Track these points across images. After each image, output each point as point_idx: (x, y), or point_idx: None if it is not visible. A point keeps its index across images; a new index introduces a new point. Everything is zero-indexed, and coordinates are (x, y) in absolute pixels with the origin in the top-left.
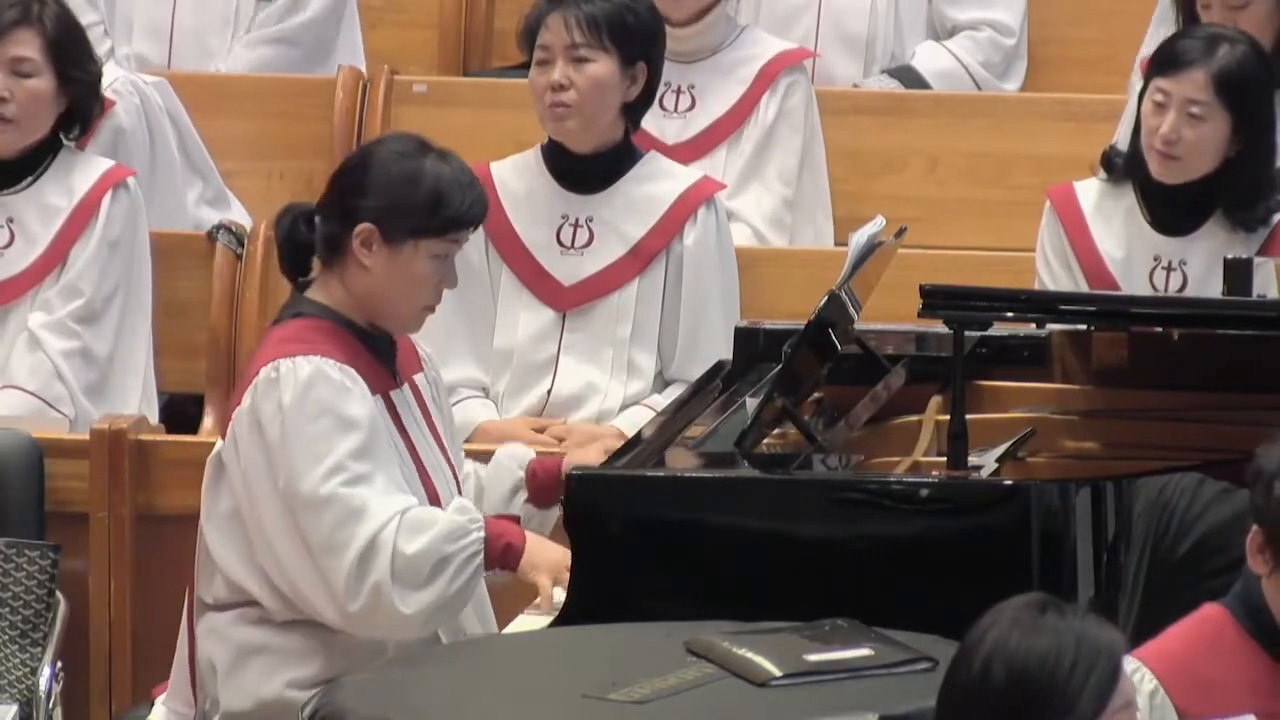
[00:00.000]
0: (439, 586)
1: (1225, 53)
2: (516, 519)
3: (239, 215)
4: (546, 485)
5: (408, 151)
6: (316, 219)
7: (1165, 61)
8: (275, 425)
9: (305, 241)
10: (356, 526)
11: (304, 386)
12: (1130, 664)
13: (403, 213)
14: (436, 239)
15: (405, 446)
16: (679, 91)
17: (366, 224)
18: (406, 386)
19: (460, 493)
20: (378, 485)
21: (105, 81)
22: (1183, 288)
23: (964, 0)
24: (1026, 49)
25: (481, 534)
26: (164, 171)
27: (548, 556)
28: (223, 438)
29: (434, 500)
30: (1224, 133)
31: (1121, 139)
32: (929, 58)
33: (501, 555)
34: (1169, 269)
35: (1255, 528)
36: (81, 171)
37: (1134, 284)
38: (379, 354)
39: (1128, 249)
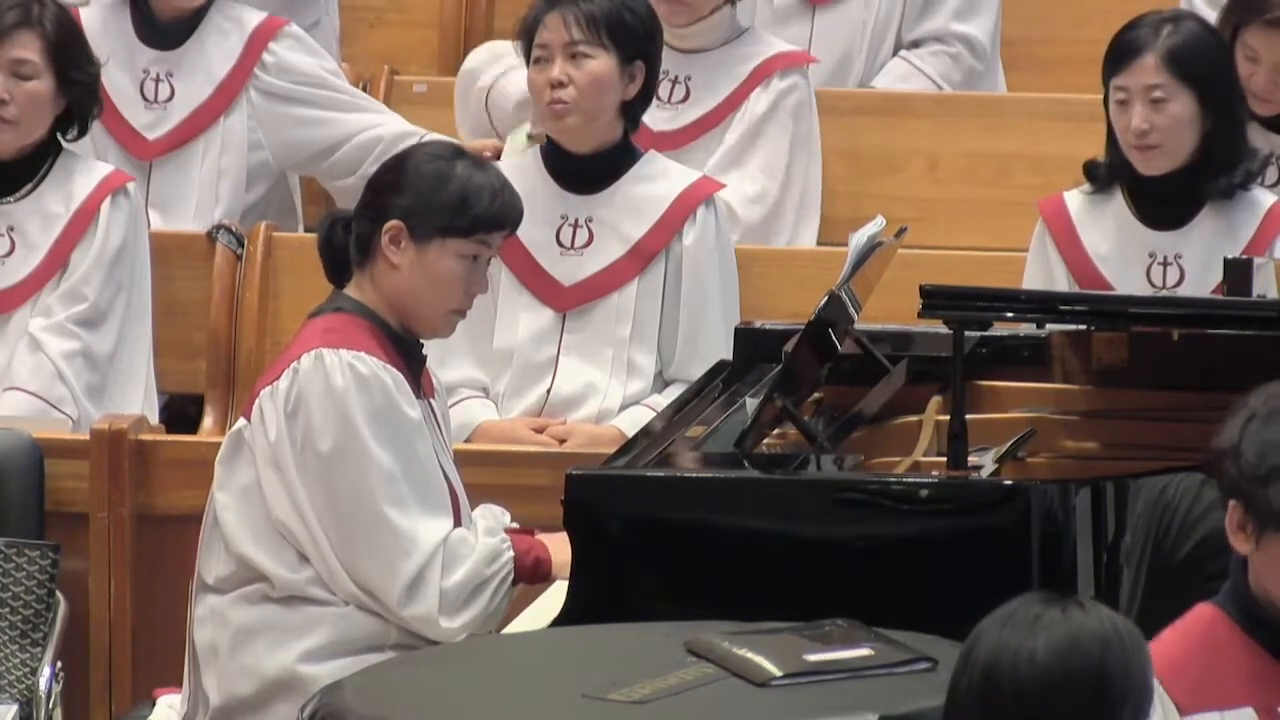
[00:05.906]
0: (479, 606)
1: (1170, 31)
2: (531, 531)
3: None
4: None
5: (441, 154)
6: (353, 222)
7: (1115, 58)
8: (322, 412)
9: (343, 245)
10: (404, 560)
11: (355, 377)
12: None
13: (430, 210)
14: (463, 239)
15: None
16: (675, 81)
17: (395, 221)
18: (428, 402)
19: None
20: (417, 508)
21: None
22: (1180, 281)
23: (935, 11)
24: (999, 69)
25: (512, 554)
26: None
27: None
28: (224, 434)
29: (455, 507)
30: (1192, 109)
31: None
32: (897, 78)
33: (532, 570)
34: (1165, 264)
35: (1232, 504)
36: (80, 177)
37: (1131, 283)
38: (409, 361)
39: (1121, 249)
